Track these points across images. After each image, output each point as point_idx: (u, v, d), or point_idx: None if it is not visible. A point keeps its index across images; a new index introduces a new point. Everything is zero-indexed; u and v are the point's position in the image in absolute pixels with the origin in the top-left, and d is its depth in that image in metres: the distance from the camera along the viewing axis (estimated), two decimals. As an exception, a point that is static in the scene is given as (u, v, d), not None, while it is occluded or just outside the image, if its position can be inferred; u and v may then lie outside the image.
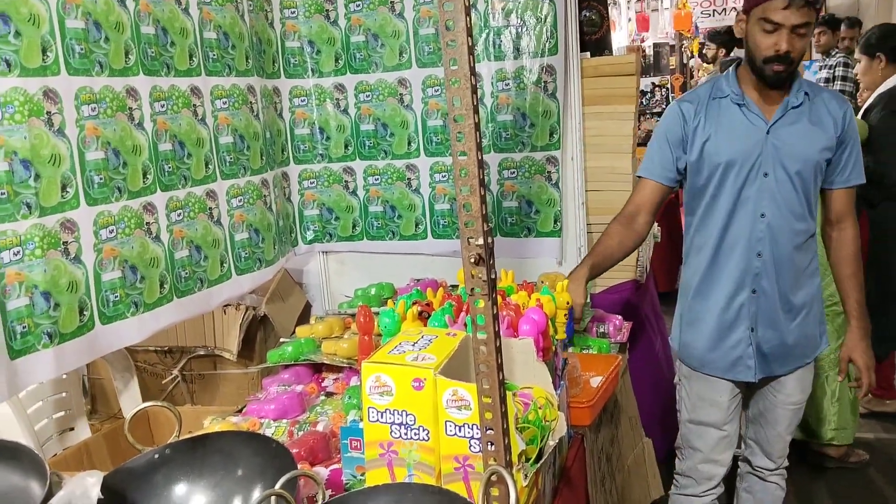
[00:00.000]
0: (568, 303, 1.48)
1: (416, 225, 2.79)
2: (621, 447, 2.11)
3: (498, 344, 1.02)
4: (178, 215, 2.06)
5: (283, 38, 2.69)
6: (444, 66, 0.96)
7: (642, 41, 7.12)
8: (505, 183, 2.69)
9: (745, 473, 2.11)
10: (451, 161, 2.64)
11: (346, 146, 2.81)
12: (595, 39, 2.63)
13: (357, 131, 2.77)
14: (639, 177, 1.98)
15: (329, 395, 1.85)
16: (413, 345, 1.21)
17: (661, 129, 1.91)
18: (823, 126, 1.79)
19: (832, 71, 4.95)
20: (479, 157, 0.97)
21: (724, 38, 5.77)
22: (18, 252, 1.54)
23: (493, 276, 1.00)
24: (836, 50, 5.05)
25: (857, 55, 3.35)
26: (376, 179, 2.81)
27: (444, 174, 2.70)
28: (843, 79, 4.85)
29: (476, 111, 0.96)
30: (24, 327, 1.53)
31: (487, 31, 2.55)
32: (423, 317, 1.44)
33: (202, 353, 2.52)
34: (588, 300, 2.52)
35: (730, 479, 2.09)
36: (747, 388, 1.98)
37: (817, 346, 1.94)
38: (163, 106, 2.01)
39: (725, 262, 1.84)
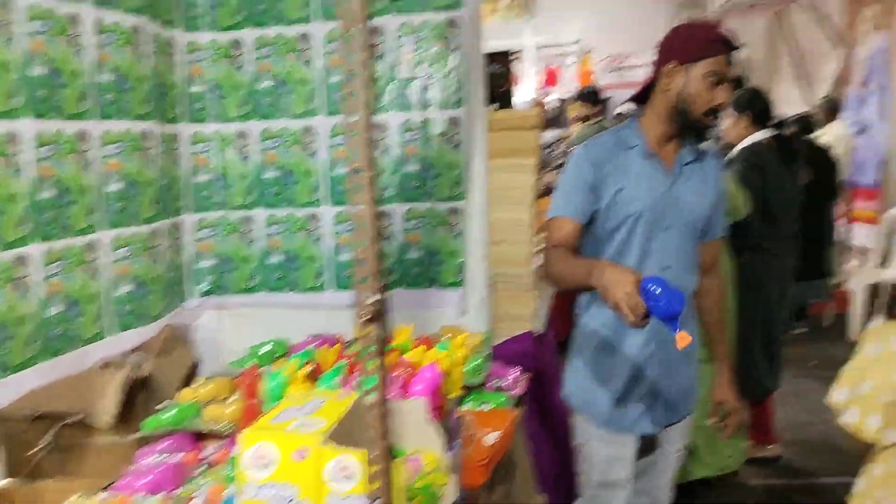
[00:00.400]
0: (465, 357, 1.45)
1: (317, 276, 2.71)
2: (517, 504, 2.08)
3: (387, 409, 0.98)
4: (57, 267, 1.91)
5: (187, 81, 2.60)
6: (344, 118, 0.93)
7: (545, 95, 7.38)
8: (409, 234, 2.66)
9: None
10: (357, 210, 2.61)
11: (247, 193, 2.72)
12: (500, 93, 2.67)
13: (259, 179, 2.69)
14: (553, 217, 1.85)
15: (210, 465, 1.72)
16: (299, 409, 1.15)
17: (573, 172, 1.85)
18: (709, 182, 1.88)
19: None
20: (377, 211, 0.93)
21: (595, 97, 5.84)
22: None
23: (384, 337, 0.96)
24: None
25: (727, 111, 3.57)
26: (277, 228, 2.72)
27: (347, 223, 2.65)
28: None
29: (373, 164, 0.93)
30: None
31: (395, 81, 2.55)
32: (313, 378, 1.37)
33: (75, 419, 2.29)
34: (488, 352, 2.52)
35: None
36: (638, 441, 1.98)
37: (697, 391, 2.01)
38: (50, 150, 1.88)
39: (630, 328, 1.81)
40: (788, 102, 8.74)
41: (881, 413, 2.04)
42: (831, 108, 6.50)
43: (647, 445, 1.99)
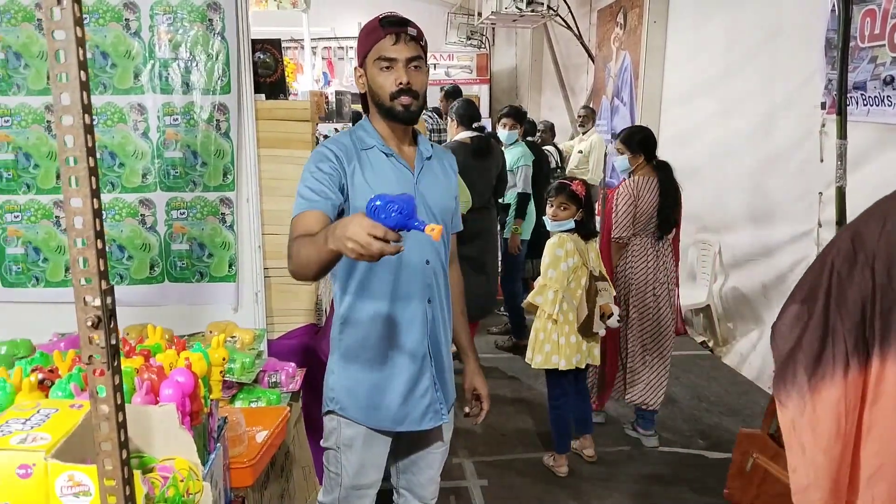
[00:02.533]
0: (224, 359, 1.38)
1: (67, 270, 2.46)
2: (293, 501, 2.05)
3: (121, 419, 0.90)
4: None
5: None
6: (54, 101, 0.83)
7: (327, 85, 7.33)
8: (174, 224, 2.50)
9: None
10: (111, 198, 2.40)
11: (-22, 177, 2.38)
12: (270, 82, 2.60)
13: (-7, 160, 2.37)
14: (295, 216, 1.69)
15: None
16: (24, 423, 1.02)
17: (312, 166, 1.73)
18: (448, 176, 1.94)
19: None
20: (96, 206, 0.85)
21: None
22: None
23: (114, 342, 0.88)
24: None
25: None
26: (17, 217, 2.42)
27: (110, 211, 2.42)
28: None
29: (92, 153, 0.85)
30: None
31: (153, 61, 2.37)
32: (46, 386, 1.23)
33: None
34: (263, 348, 2.45)
35: None
36: (397, 440, 1.96)
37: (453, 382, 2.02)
38: None
39: (406, 314, 1.81)
40: (552, 108, 9.54)
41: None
42: (591, 117, 7.21)
43: (407, 443, 1.98)
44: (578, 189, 3.29)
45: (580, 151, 6.95)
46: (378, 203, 1.30)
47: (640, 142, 3.68)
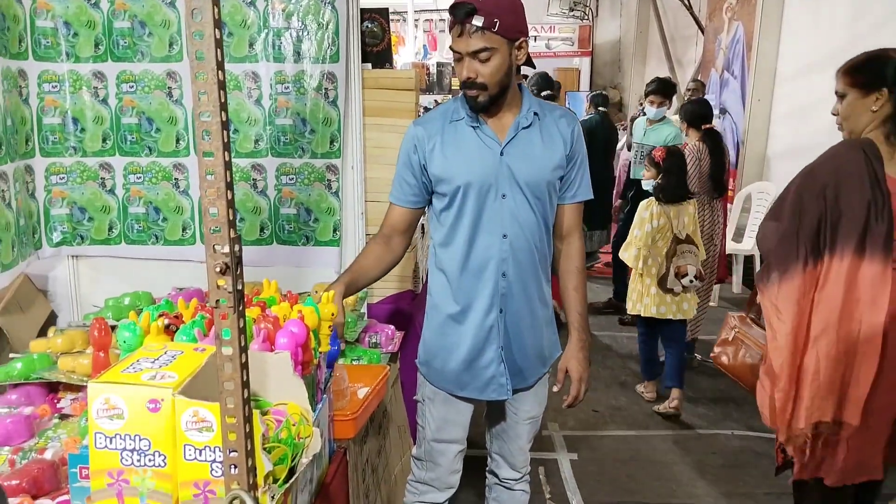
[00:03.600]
0: (333, 314, 1.44)
1: (184, 229, 2.61)
2: (389, 457, 2.12)
3: (244, 360, 0.96)
4: None
5: (34, 15, 2.38)
6: (189, 58, 0.88)
7: (427, 58, 7.38)
8: (283, 189, 2.60)
9: (492, 485, 2.13)
10: (234, 164, 2.52)
11: (104, 140, 2.55)
12: (376, 52, 2.64)
13: (118, 124, 2.53)
14: (390, 202, 1.94)
15: (64, 417, 1.64)
16: (153, 362, 1.10)
17: (401, 154, 1.88)
18: (554, 144, 1.82)
19: None
20: (227, 159, 0.90)
21: None
22: None
23: (240, 287, 0.94)
24: None
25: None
26: (139, 178, 2.58)
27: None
28: None
29: (224, 108, 0.89)
30: None
31: (267, 31, 2.45)
32: (171, 330, 1.32)
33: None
34: (364, 310, 2.52)
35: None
36: (488, 405, 2.00)
37: (552, 355, 2.00)
38: None
39: (475, 283, 1.83)
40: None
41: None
42: (701, 90, 6.91)
43: (498, 411, 2.01)
44: (656, 154, 3.66)
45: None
46: None
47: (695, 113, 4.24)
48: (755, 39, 6.08)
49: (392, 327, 2.32)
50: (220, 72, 0.87)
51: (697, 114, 4.25)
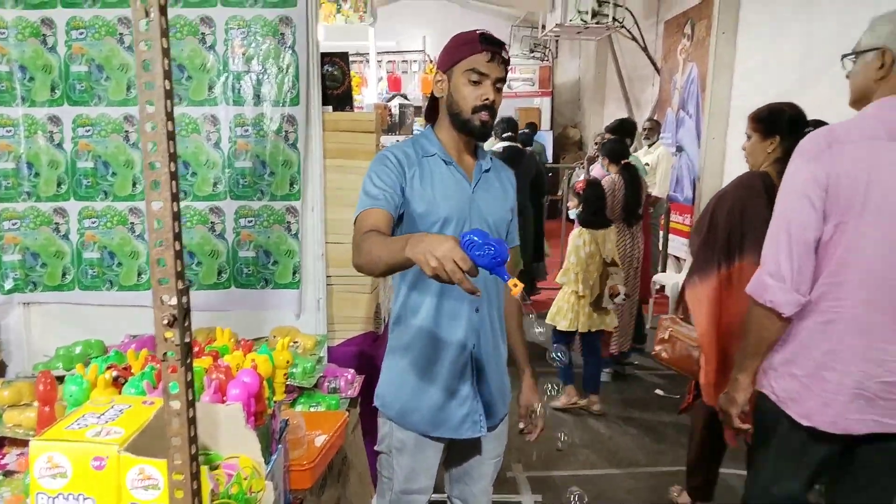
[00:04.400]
0: (288, 362, 1.42)
1: (139, 274, 2.56)
2: (350, 505, 2.07)
3: (191, 415, 0.93)
4: None
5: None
6: (139, 109, 0.87)
7: (390, 100, 7.46)
8: (242, 232, 2.58)
9: None
10: (184, 206, 2.49)
11: (58, 184, 2.51)
12: (337, 94, 2.65)
13: (73, 169, 2.50)
14: (359, 213, 1.72)
15: (8, 474, 1.57)
16: (99, 417, 1.07)
17: (377, 171, 1.77)
18: (506, 190, 1.94)
19: None
20: (175, 209, 0.89)
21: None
22: None
23: (187, 340, 0.92)
24: None
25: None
26: (94, 222, 2.54)
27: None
28: None
29: (174, 159, 0.89)
30: None
31: (227, 74, 2.46)
32: (120, 383, 1.28)
33: None
34: (323, 354, 2.49)
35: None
36: (449, 449, 1.96)
37: (508, 393, 2.00)
38: None
39: (450, 321, 1.83)
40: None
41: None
42: (656, 129, 7.10)
43: (461, 453, 1.98)
44: (577, 185, 4.25)
45: (646, 164, 6.87)
46: (476, 239, 1.30)
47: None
48: (709, 80, 6.28)
49: (352, 371, 2.29)
50: (169, 122, 0.87)
51: (616, 151, 4.92)
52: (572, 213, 4.22)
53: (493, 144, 5.14)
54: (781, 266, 1.80)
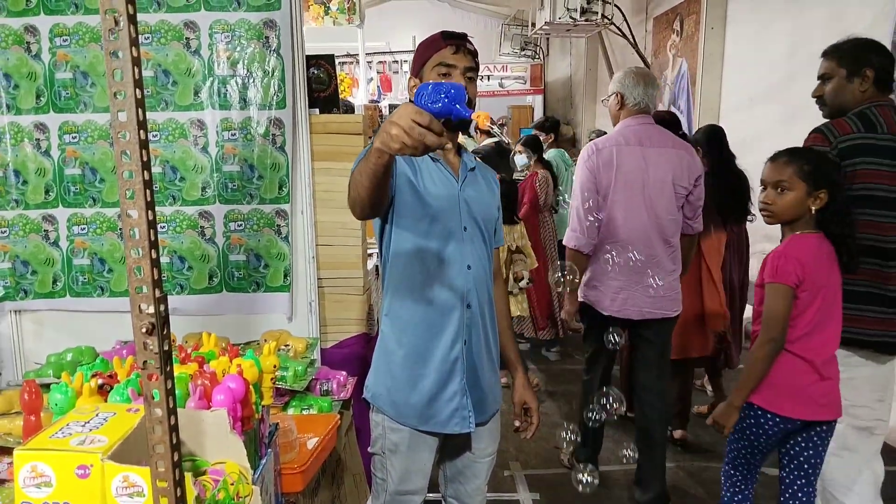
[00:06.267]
0: (275, 366, 1.42)
1: (130, 280, 2.56)
2: (344, 508, 2.07)
3: (173, 422, 0.93)
4: None
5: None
6: (111, 119, 0.87)
7: (380, 102, 7.46)
8: (232, 236, 2.58)
9: None
10: (173, 211, 2.49)
11: (46, 192, 2.51)
12: (324, 97, 2.65)
13: (61, 176, 2.49)
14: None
15: (0, 482, 1.57)
16: (84, 425, 1.07)
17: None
18: (491, 189, 1.97)
19: None
20: (150, 217, 0.89)
21: None
22: None
23: (166, 348, 0.92)
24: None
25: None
26: (83, 229, 2.53)
27: (163, 225, 2.52)
28: None
29: (147, 168, 0.89)
30: None
31: (212, 78, 2.46)
32: (105, 391, 1.28)
33: None
34: (316, 356, 2.49)
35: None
36: (443, 448, 1.96)
37: (499, 390, 2.01)
38: None
39: (441, 315, 1.83)
40: (608, 117, 9.46)
41: None
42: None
43: (454, 451, 1.99)
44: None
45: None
46: (428, 90, 1.31)
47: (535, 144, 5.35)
48: (699, 75, 6.29)
49: (344, 373, 2.29)
50: (141, 131, 0.87)
51: (530, 144, 5.30)
52: None
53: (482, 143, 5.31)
54: (578, 224, 2.93)
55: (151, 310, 0.90)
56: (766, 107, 5.26)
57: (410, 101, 1.74)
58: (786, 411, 2.09)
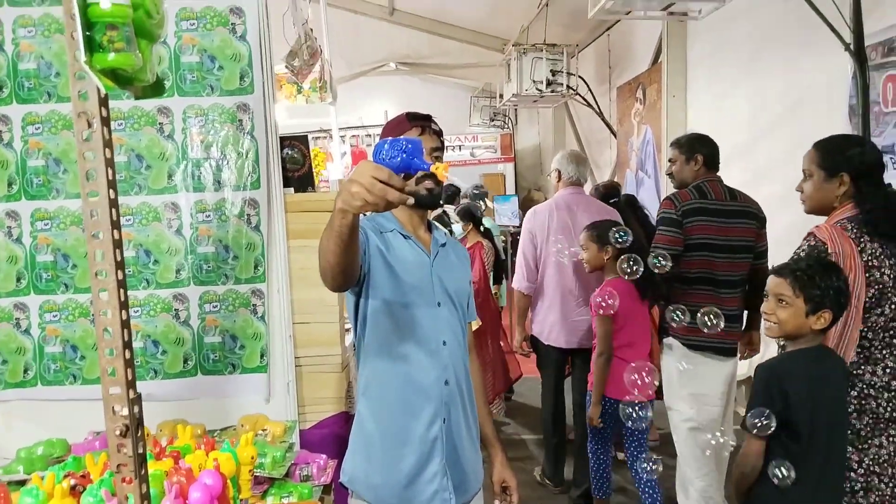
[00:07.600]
0: (252, 458, 1.38)
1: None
2: None
3: (147, 527, 0.90)
4: None
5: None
6: (84, 216, 0.87)
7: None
8: (207, 317, 2.54)
9: None
10: (146, 294, 2.45)
11: (18, 279, 2.47)
12: (298, 176, 2.68)
13: (32, 263, 2.46)
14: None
15: None
16: (52, 532, 1.02)
17: None
18: (463, 265, 2.00)
19: None
20: (124, 318, 0.87)
21: None
22: None
23: (140, 451, 0.89)
24: None
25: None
26: (55, 316, 2.49)
27: (136, 309, 2.48)
28: None
29: (121, 267, 0.88)
30: None
31: (186, 162, 2.47)
32: (78, 491, 1.23)
33: None
34: (294, 440, 2.43)
35: None
36: None
37: (480, 468, 1.98)
38: None
39: (418, 393, 1.80)
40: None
41: None
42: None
43: None
44: None
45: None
46: (385, 146, 1.33)
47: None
48: (663, 141, 6.47)
49: (324, 456, 2.23)
50: (114, 231, 0.86)
51: (466, 214, 5.43)
52: None
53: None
54: (523, 273, 3.90)
55: (125, 412, 0.88)
56: (730, 170, 5.38)
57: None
58: (613, 394, 3.27)
